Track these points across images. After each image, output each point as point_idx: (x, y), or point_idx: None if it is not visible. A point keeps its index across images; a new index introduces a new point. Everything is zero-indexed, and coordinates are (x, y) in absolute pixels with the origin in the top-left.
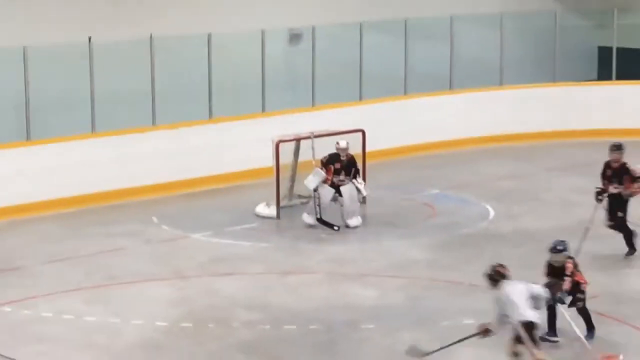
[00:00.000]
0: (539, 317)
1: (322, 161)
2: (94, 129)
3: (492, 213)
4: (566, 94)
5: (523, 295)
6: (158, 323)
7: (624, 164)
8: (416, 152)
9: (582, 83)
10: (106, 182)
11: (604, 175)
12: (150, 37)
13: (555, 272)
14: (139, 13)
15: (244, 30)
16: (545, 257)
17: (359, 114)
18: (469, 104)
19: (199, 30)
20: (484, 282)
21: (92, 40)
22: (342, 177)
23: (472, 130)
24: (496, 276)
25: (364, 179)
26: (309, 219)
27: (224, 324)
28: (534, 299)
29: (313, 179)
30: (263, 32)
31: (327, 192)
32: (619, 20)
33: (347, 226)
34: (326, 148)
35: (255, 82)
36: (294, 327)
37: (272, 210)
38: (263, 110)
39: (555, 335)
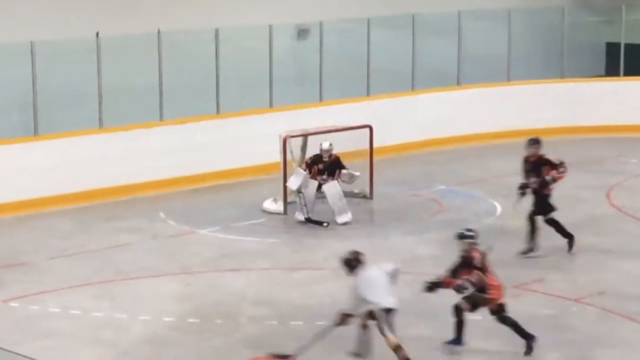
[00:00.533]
0: (396, 302)
1: (306, 162)
2: (101, 125)
3: (499, 209)
4: (574, 90)
5: (380, 280)
6: (165, 318)
7: (541, 156)
8: (424, 148)
9: (590, 79)
10: (113, 177)
11: (524, 170)
12: (158, 32)
13: (465, 264)
14: (147, 8)
15: (251, 25)
16: (551, 254)
17: (367, 110)
18: (476, 99)
19: (207, 25)
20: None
21: (99, 35)
22: (324, 176)
23: (479, 126)
24: (353, 262)
25: (370, 175)
26: (299, 216)
27: (231, 319)
28: (392, 277)
29: (295, 180)
30: (270, 27)
31: (311, 188)
32: (627, 16)
33: (337, 223)
34: (334, 144)
35: (262, 77)
36: (301, 322)
37: (279, 206)
38: (270, 105)
39: (459, 343)
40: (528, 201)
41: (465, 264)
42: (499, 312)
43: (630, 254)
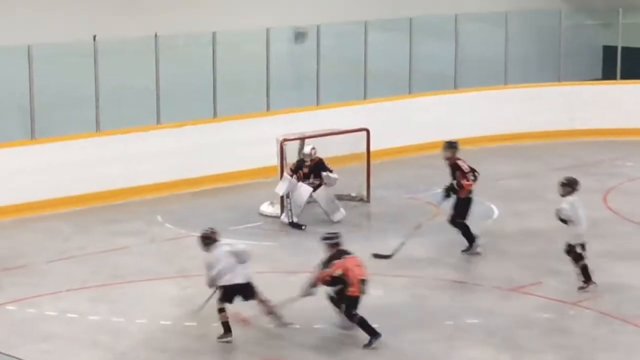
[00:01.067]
0: (248, 277)
1: (291, 168)
2: (98, 128)
3: (496, 212)
4: (571, 93)
5: (226, 259)
6: (162, 322)
7: (455, 161)
8: (420, 151)
9: (587, 82)
10: (111, 180)
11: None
12: (155, 35)
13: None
14: (144, 11)
15: (248, 29)
16: (549, 257)
17: (364, 113)
18: (473, 103)
19: (204, 28)
20: (487, 282)
21: (97, 38)
22: (311, 180)
23: (476, 130)
24: (208, 239)
25: (368, 178)
26: (285, 219)
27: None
28: (238, 255)
29: (282, 185)
30: (268, 31)
31: (304, 191)
32: (624, 20)
33: (332, 221)
34: (331, 147)
35: (260, 80)
36: (298, 326)
37: (276, 209)
38: (268, 108)
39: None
40: None
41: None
42: (349, 308)
43: (627, 257)
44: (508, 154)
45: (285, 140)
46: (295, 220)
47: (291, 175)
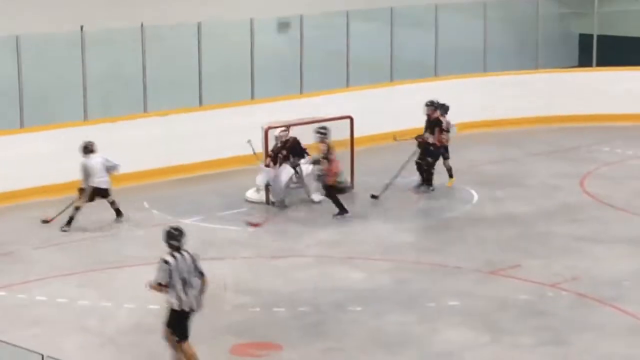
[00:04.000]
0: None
1: (270, 156)
2: (86, 116)
3: (475, 197)
4: (548, 80)
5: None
6: (150, 306)
7: (438, 117)
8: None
9: (564, 69)
10: None
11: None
12: (142, 25)
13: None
14: (131, 2)
15: (233, 19)
16: (527, 240)
17: (346, 101)
18: (453, 90)
19: (189, 19)
20: (467, 265)
21: (84, 29)
22: (292, 159)
23: (456, 117)
24: (87, 148)
25: (352, 165)
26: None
27: (215, 307)
28: (109, 168)
29: (261, 177)
30: (252, 21)
31: (284, 175)
32: (599, 8)
33: (313, 201)
34: (315, 135)
35: (244, 70)
36: (283, 309)
37: (261, 196)
38: (252, 97)
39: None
40: None
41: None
42: (328, 190)
43: (604, 240)
44: (487, 140)
45: (269, 128)
46: (277, 203)
47: (268, 166)
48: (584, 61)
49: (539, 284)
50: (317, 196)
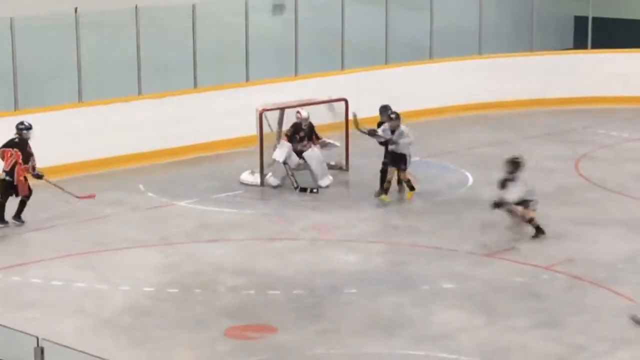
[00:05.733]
0: None
1: (287, 134)
2: (80, 99)
3: (471, 180)
4: (543, 63)
5: None
6: (145, 289)
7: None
8: None
9: (559, 52)
10: (92, 150)
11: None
12: (136, 7)
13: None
14: None
15: (227, 1)
16: (522, 223)
17: (341, 83)
18: (448, 72)
19: (184, 1)
20: (462, 247)
21: (78, 10)
22: (305, 143)
23: (452, 99)
24: None
25: (347, 147)
26: (273, 181)
27: (210, 289)
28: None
29: (280, 152)
30: (246, 3)
31: (293, 160)
32: None
33: (320, 187)
34: (310, 117)
35: (239, 51)
36: (278, 292)
37: (256, 178)
38: (247, 79)
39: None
40: None
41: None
42: None
43: (599, 223)
44: (482, 123)
45: (264, 110)
46: (300, 185)
47: (288, 141)
48: (579, 43)
49: (533, 267)
50: (325, 181)
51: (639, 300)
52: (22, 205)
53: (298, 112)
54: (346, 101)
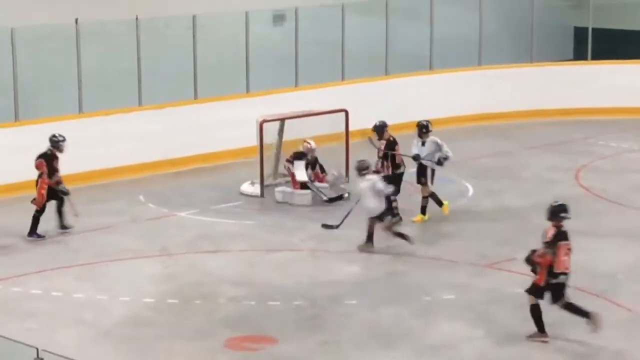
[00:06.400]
0: None
1: (287, 160)
2: (81, 109)
3: (471, 190)
4: (543, 74)
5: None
6: (145, 299)
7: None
8: (398, 131)
9: (559, 63)
10: (93, 161)
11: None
12: (136, 18)
13: None
14: None
15: (228, 12)
16: (523, 234)
17: (342, 94)
18: (448, 83)
19: (184, 11)
20: (462, 258)
21: (79, 21)
22: (309, 172)
23: (452, 110)
24: None
25: (347, 158)
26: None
27: (210, 299)
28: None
29: (300, 173)
30: (247, 14)
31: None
32: (595, 1)
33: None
34: (310, 128)
35: (239, 62)
36: (279, 302)
37: (256, 189)
38: (247, 90)
39: None
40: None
41: None
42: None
43: (599, 234)
44: (482, 133)
45: (264, 121)
46: (329, 196)
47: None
48: (579, 54)
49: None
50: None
51: (638, 310)
52: (35, 220)
53: (307, 142)
54: (346, 112)
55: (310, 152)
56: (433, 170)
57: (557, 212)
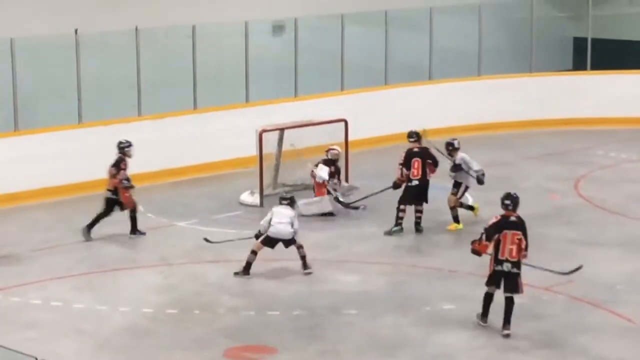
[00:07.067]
0: None
1: (315, 165)
2: (80, 119)
3: (470, 200)
4: (542, 84)
5: None
6: (144, 309)
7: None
8: (397, 141)
9: (558, 73)
10: (92, 171)
11: None
12: (136, 28)
13: None
14: (125, 5)
15: (227, 22)
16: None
17: (341, 104)
18: (448, 94)
19: (184, 21)
20: (462, 268)
21: (78, 31)
22: (335, 180)
23: (451, 120)
24: None
25: (346, 168)
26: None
27: (209, 310)
28: None
29: (324, 172)
30: (246, 24)
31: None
32: (594, 11)
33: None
34: (309, 138)
35: (239, 72)
36: (278, 312)
37: (255, 199)
38: (247, 100)
39: None
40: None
41: None
42: None
43: (598, 244)
44: (481, 144)
45: (264, 131)
46: (347, 201)
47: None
48: (578, 64)
49: (533, 287)
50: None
51: (638, 320)
52: (132, 219)
53: (334, 148)
54: (346, 122)
55: (337, 157)
56: (467, 187)
57: (502, 201)
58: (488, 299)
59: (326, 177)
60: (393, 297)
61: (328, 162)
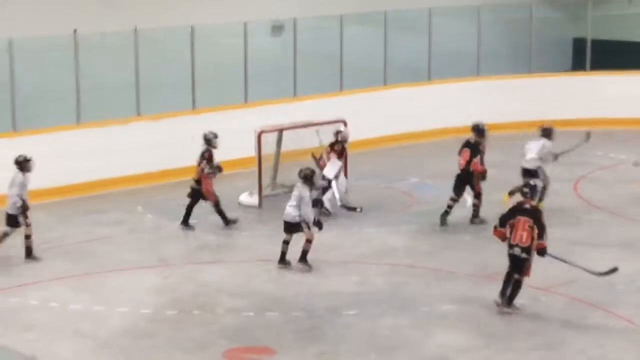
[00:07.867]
0: None
1: (335, 151)
2: (79, 120)
3: (469, 201)
4: (542, 85)
5: None
6: (143, 310)
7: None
8: (396, 142)
9: (557, 74)
10: (91, 172)
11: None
12: (135, 29)
13: None
14: (124, 6)
15: (226, 23)
16: None
17: (340, 105)
18: (447, 94)
19: (183, 22)
20: (462, 269)
21: (77, 32)
22: (341, 164)
23: (450, 121)
24: None
25: (345, 168)
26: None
27: (208, 310)
28: None
29: (332, 169)
30: (245, 25)
31: (341, 182)
32: (593, 12)
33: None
34: (308, 139)
35: (237, 73)
36: (277, 313)
37: (254, 199)
38: (245, 101)
39: None
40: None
41: None
42: None
43: (597, 244)
44: None
45: (263, 131)
46: (344, 203)
47: (340, 161)
48: (577, 65)
49: (532, 288)
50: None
51: (637, 321)
52: (219, 212)
53: (341, 130)
54: (345, 123)
55: (345, 138)
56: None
57: (521, 189)
58: (506, 277)
59: (332, 177)
60: (392, 298)
61: (337, 146)
